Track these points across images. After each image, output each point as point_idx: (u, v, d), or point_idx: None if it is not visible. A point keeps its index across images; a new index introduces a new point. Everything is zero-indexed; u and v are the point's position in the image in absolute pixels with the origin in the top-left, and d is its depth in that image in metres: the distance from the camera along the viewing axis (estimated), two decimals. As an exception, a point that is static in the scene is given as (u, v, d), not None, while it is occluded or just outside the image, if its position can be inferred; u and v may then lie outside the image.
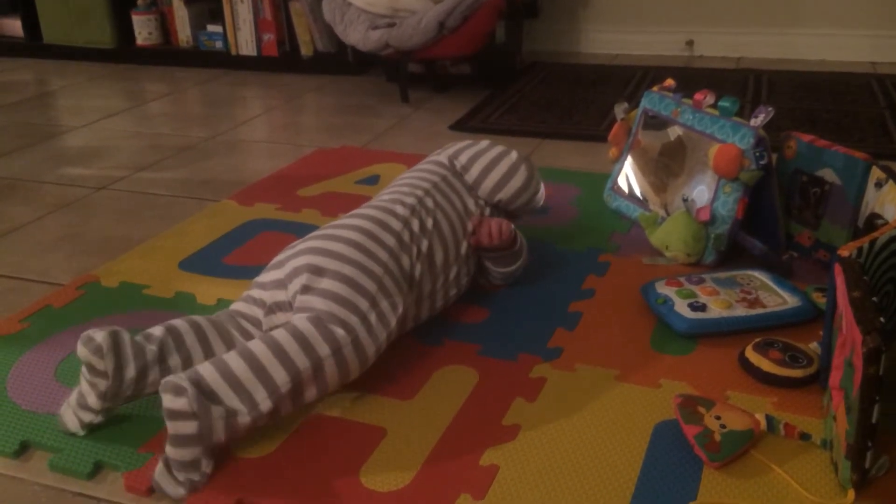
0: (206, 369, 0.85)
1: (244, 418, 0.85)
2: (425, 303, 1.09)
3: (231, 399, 0.85)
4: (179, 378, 0.83)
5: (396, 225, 1.06)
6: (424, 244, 1.08)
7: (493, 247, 1.17)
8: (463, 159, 1.23)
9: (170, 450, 0.83)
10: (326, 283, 0.96)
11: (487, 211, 1.22)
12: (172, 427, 0.82)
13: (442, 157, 1.25)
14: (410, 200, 1.11)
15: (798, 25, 2.67)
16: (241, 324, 1.00)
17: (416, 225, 1.08)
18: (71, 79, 2.73)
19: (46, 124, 2.22)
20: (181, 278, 1.29)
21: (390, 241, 1.04)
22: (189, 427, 0.82)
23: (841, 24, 2.63)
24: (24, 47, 3.04)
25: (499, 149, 1.24)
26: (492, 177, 1.20)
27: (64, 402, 0.94)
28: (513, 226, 1.18)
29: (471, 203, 1.19)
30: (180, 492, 0.82)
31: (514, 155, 1.23)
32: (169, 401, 0.82)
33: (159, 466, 0.83)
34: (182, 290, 1.25)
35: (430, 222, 1.10)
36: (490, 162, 1.22)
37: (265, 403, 0.86)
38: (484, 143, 1.26)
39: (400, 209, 1.09)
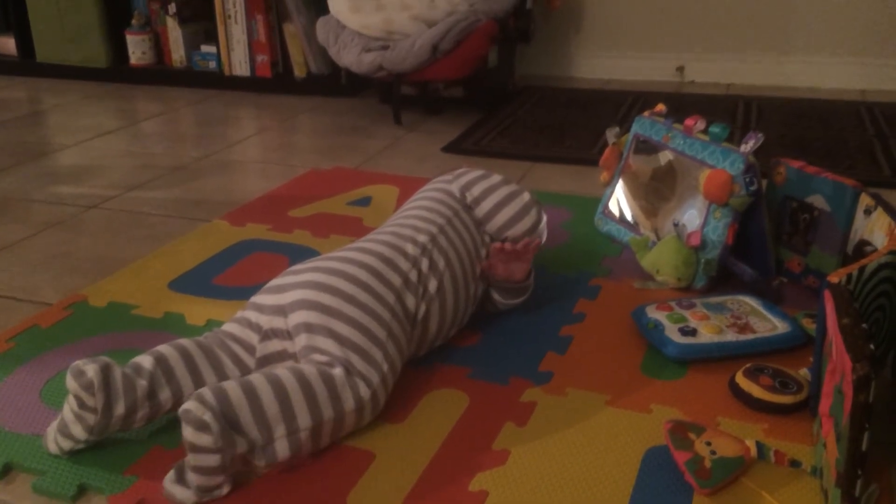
0: (234, 392, 0.83)
1: (258, 454, 0.84)
2: (427, 341, 1.08)
3: (251, 429, 0.83)
4: (202, 409, 0.80)
5: (404, 265, 1.04)
6: (433, 284, 1.05)
7: (509, 279, 1.17)
8: (475, 192, 1.20)
9: (190, 476, 0.82)
10: (338, 326, 0.93)
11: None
12: (193, 459, 0.82)
13: (453, 186, 1.22)
14: (423, 238, 1.09)
15: (788, 53, 2.70)
16: (233, 348, 0.98)
17: (425, 265, 1.06)
18: (64, 97, 2.73)
19: (38, 142, 2.22)
20: (171, 298, 1.28)
21: (397, 281, 1.02)
22: (212, 460, 0.81)
23: (831, 52, 2.66)
24: (18, 66, 3.04)
25: (512, 186, 1.23)
26: (502, 215, 1.19)
27: (51, 424, 0.93)
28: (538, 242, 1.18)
29: (479, 240, 1.17)
30: (192, 498, 0.83)
31: (525, 195, 1.22)
32: (191, 434, 0.80)
33: (169, 477, 0.83)
34: (171, 311, 1.24)
35: (441, 262, 1.08)
36: (502, 199, 1.20)
37: (280, 442, 0.85)
38: (496, 177, 1.23)
39: (410, 248, 1.06)
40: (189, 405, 0.81)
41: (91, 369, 0.86)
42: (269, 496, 0.85)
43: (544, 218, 1.25)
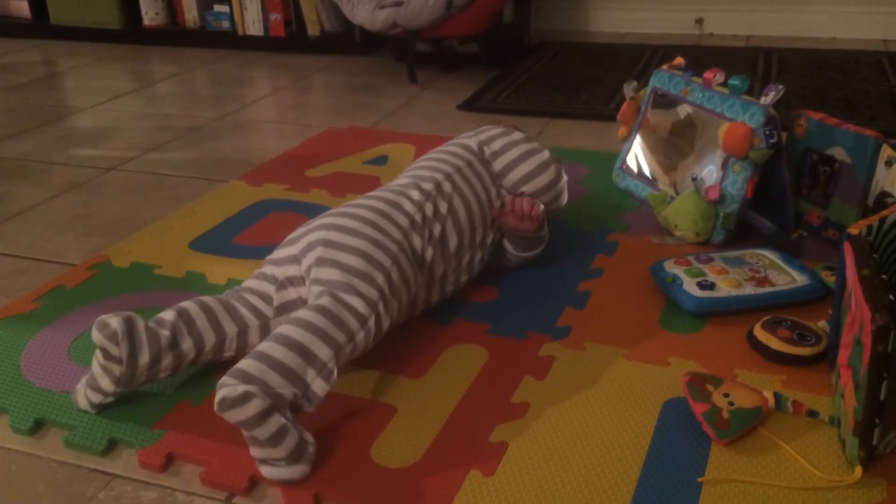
0: (250, 365, 0.83)
1: (302, 401, 0.84)
2: (436, 287, 1.10)
3: (285, 388, 0.83)
4: (231, 387, 0.79)
5: (410, 208, 1.06)
6: (437, 228, 1.08)
7: (520, 228, 1.17)
8: (494, 146, 1.22)
9: (271, 452, 0.81)
10: (343, 257, 0.97)
11: None
12: (260, 432, 0.80)
13: (472, 141, 1.23)
14: (427, 186, 1.11)
15: (809, 2, 2.65)
16: (250, 300, 1.01)
17: (429, 209, 1.08)
18: (78, 59, 2.73)
19: (55, 105, 2.23)
20: (191, 258, 1.30)
21: (403, 221, 1.04)
22: (274, 423, 0.80)
23: (852, 2, 2.60)
24: (32, 28, 3.04)
25: (532, 144, 1.23)
26: (519, 169, 1.20)
27: (80, 381, 0.95)
28: (542, 207, 1.17)
29: (493, 192, 1.18)
30: (303, 469, 0.82)
31: (545, 154, 1.23)
32: (240, 413, 0.79)
33: (265, 469, 0.82)
34: (192, 270, 1.26)
35: (444, 207, 1.09)
36: (521, 155, 1.21)
37: (316, 383, 0.86)
38: (517, 134, 1.25)
39: (415, 194, 1.09)
40: (220, 395, 0.79)
41: (115, 321, 0.89)
42: (294, 449, 0.87)
43: (564, 178, 1.25)
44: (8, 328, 1.11)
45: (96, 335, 0.89)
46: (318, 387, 0.86)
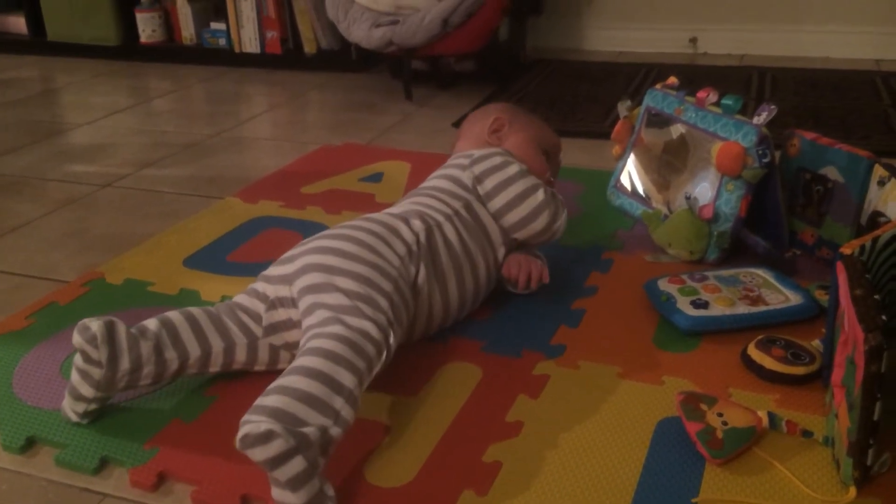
0: (275, 401, 0.79)
1: (334, 430, 0.81)
2: (436, 318, 1.09)
3: (314, 417, 0.80)
4: (255, 423, 0.75)
5: (409, 236, 1.05)
6: (438, 262, 1.07)
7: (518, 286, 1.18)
8: (488, 186, 1.16)
9: (289, 497, 0.76)
10: (343, 282, 0.95)
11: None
12: (280, 474, 0.76)
13: (466, 175, 1.18)
14: (429, 220, 1.09)
15: (802, 22, 2.67)
16: (240, 317, 0.99)
17: (427, 241, 1.07)
18: (75, 76, 2.73)
19: (51, 121, 2.23)
20: (186, 275, 1.30)
21: (401, 249, 1.03)
22: (296, 466, 0.76)
23: (845, 21, 2.62)
24: (29, 44, 3.05)
25: (527, 182, 1.16)
26: (512, 215, 1.16)
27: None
28: (547, 278, 1.17)
29: (495, 233, 1.16)
30: None
31: (539, 196, 1.15)
32: (262, 452, 0.75)
33: None
34: (187, 287, 1.25)
35: (443, 248, 1.08)
36: (514, 199, 1.15)
37: (345, 410, 0.82)
38: (512, 169, 1.16)
39: (416, 223, 1.07)
40: (243, 431, 0.75)
41: (95, 325, 0.88)
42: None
43: (561, 217, 1.19)
44: (0, 345, 1.10)
45: (76, 338, 0.89)
46: (347, 413, 0.82)
